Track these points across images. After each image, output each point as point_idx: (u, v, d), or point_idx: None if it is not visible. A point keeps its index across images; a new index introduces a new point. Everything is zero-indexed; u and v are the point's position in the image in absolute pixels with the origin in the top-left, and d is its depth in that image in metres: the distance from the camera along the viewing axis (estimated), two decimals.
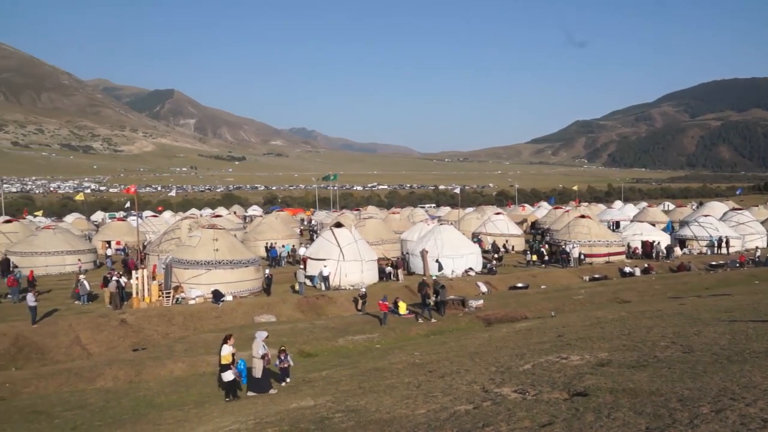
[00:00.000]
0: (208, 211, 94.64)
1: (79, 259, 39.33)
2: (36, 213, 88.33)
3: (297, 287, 32.07)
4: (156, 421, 12.93)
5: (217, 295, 28.86)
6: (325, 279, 32.63)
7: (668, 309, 19.59)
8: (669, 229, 59.32)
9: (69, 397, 16.58)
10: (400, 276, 35.94)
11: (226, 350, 14.78)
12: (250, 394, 15.03)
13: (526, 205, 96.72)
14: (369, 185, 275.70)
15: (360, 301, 29.60)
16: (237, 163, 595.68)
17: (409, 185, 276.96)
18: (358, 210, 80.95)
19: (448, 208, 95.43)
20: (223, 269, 30.35)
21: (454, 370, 13.17)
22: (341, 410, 10.42)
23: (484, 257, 42.00)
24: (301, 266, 34.39)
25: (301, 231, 66.89)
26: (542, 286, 34.92)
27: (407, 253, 41.15)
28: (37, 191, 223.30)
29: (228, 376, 14.66)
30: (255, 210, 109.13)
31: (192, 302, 28.87)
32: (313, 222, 79.58)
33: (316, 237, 48.95)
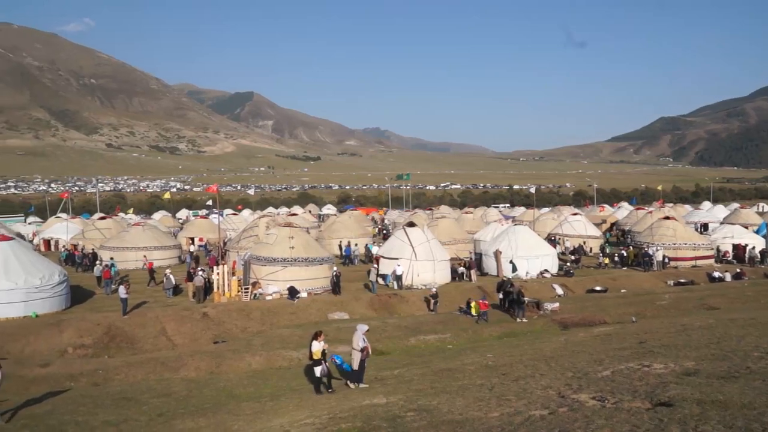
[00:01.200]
0: (284, 209, 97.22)
1: (144, 256, 40.33)
2: (128, 211, 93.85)
3: (370, 285, 32.41)
4: (235, 411, 13.43)
5: (293, 292, 29.61)
6: (398, 278, 32.76)
7: (763, 317, 18.31)
8: (763, 231, 55.41)
9: (155, 384, 17.52)
10: (473, 276, 35.55)
11: (317, 346, 14.86)
12: (351, 385, 15.11)
13: (605, 205, 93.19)
14: (442, 185, 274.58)
15: (432, 301, 29.53)
16: (312, 162, 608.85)
17: (482, 185, 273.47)
18: (430, 209, 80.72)
19: (522, 208, 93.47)
20: (298, 266, 31.09)
21: (528, 373, 12.89)
22: (413, 409, 10.42)
23: (560, 259, 40.84)
24: (374, 265, 34.69)
25: (379, 231, 67.58)
26: (622, 290, 33.52)
27: (480, 254, 40.66)
28: (128, 190, 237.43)
29: (318, 371, 14.76)
30: (329, 209, 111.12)
31: (269, 298, 29.76)
32: (385, 221, 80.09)
33: (389, 236, 49.28)
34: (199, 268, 33.19)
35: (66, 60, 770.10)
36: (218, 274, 30.52)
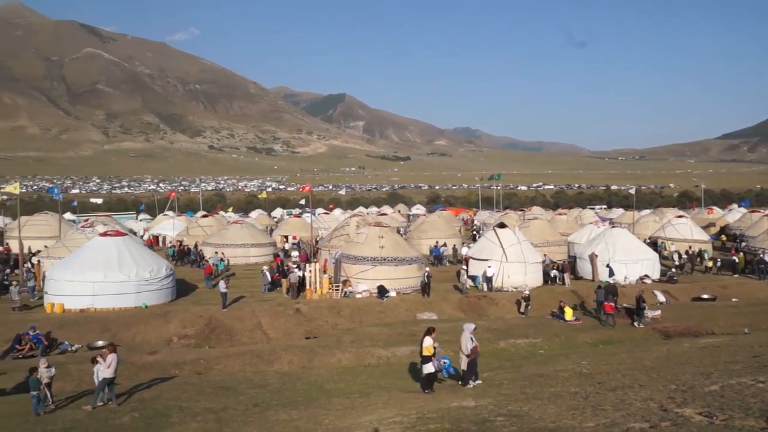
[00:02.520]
0: (374, 209, 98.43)
1: (223, 253, 41.05)
2: (227, 209, 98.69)
3: (460, 286, 32.14)
4: (326, 406, 13.75)
5: (382, 291, 29.92)
6: (489, 279, 32.25)
7: None
8: None
9: (251, 376, 18.29)
10: (567, 280, 34.33)
11: (428, 342, 14.78)
12: (459, 384, 15.08)
13: (714, 207, 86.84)
14: (534, 185, 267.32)
15: (523, 304, 28.81)
16: (402, 162, 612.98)
17: (577, 185, 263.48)
18: (522, 210, 78.80)
19: (621, 210, 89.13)
20: (387, 266, 31.37)
21: (626, 383, 12.26)
22: (503, 414, 10.21)
23: (662, 264, 38.54)
24: (464, 266, 34.36)
25: (474, 230, 66.95)
26: (733, 299, 31.11)
27: (574, 256, 39.20)
28: (228, 189, 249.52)
29: (429, 368, 14.67)
30: (419, 209, 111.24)
31: (359, 296, 30.25)
32: (475, 222, 79.14)
33: (479, 237, 48.58)
34: (293, 265, 34.29)
35: (174, 67, 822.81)
36: (310, 271, 31.39)
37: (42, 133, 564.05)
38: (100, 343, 22.25)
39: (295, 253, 42.16)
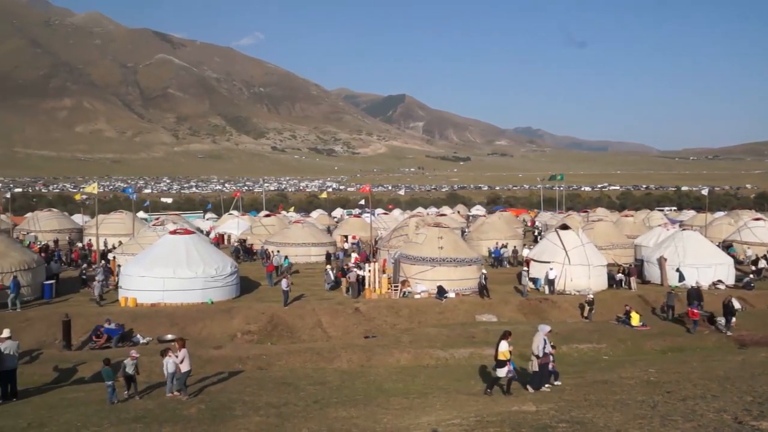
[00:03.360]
0: (433, 209, 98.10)
1: (278, 251, 41.45)
2: (289, 209, 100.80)
3: (521, 289, 31.61)
4: (384, 405, 13.83)
5: (441, 291, 29.79)
6: (551, 282, 31.55)
7: None
8: None
9: (312, 373, 18.63)
10: (633, 284, 33.12)
11: (504, 346, 14.54)
12: (529, 389, 14.84)
13: None
14: (599, 185, 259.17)
15: (587, 308, 28.01)
16: (462, 163, 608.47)
17: (645, 186, 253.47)
18: (586, 212, 76.48)
19: (692, 212, 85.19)
20: (446, 266, 31.19)
21: (698, 393, 11.73)
22: (565, 420, 9.98)
23: (738, 269, 36.55)
24: (525, 268, 33.76)
25: (535, 232, 65.83)
26: None
27: (642, 260, 37.78)
28: (290, 189, 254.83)
29: (502, 372, 14.48)
30: (478, 209, 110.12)
31: (417, 296, 30.24)
32: (537, 223, 77.61)
33: (540, 238, 47.61)
34: (352, 264, 34.62)
35: (239, 71, 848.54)
36: (370, 271, 31.63)
37: (118, 136, 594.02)
38: (169, 336, 23.21)
39: (354, 254, 42.60)
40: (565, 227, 35.81)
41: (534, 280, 32.62)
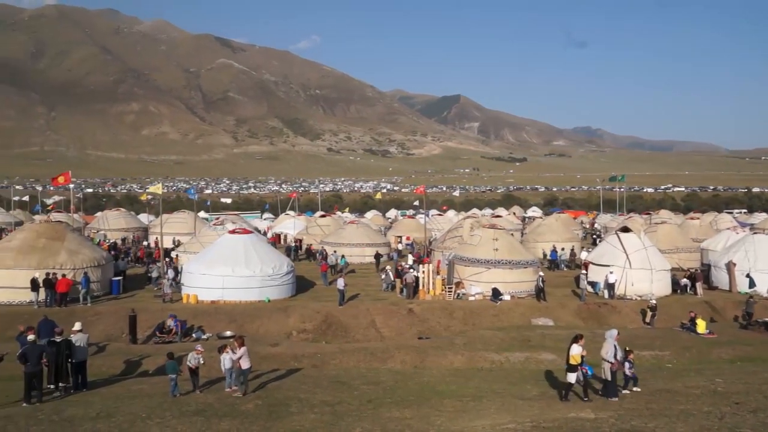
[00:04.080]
0: (488, 211, 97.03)
1: (335, 251, 41.87)
2: (344, 209, 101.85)
3: (579, 292, 30.84)
4: (438, 407, 13.78)
5: (496, 294, 29.43)
6: (610, 286, 30.63)
7: None
8: None
9: (365, 372, 18.75)
10: (699, 290, 31.74)
11: (576, 350, 14.10)
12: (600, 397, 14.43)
13: None
14: (662, 187, 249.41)
15: (649, 314, 27.05)
16: (518, 164, 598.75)
17: (712, 187, 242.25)
18: (648, 214, 73.86)
19: (763, 215, 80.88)
20: (501, 268, 30.80)
21: None
22: (625, 429, 9.68)
23: None
24: (584, 271, 32.90)
25: (594, 234, 64.23)
26: None
27: (708, 265, 36.16)
28: (345, 190, 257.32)
29: (573, 377, 14.07)
30: (534, 211, 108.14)
31: (472, 298, 29.98)
32: (596, 225, 75.52)
33: (599, 241, 46.31)
34: (407, 265, 34.66)
35: (296, 74, 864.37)
36: (424, 272, 31.58)
37: (181, 138, 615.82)
38: (228, 333, 23.89)
39: (411, 255, 42.64)
40: (626, 230, 34.70)
41: (593, 284, 31.76)
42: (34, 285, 26.28)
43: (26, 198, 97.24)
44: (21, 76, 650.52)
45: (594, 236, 63.02)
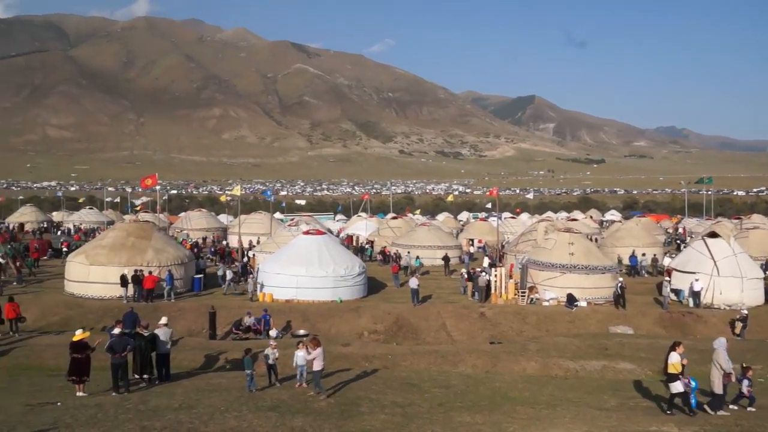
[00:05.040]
0: (563, 214, 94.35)
1: (408, 251, 42.20)
2: (415, 211, 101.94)
3: (661, 300, 29.41)
4: (510, 413, 13.53)
5: (571, 300, 28.56)
6: (696, 294, 29.01)
7: None
8: None
9: (436, 375, 18.67)
10: None
11: (675, 358, 13.47)
12: (709, 410, 13.59)
13: None
14: (754, 190, 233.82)
15: (739, 325, 25.40)
16: (595, 165, 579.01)
17: None
18: (738, 218, 69.44)
19: None
20: (577, 274, 29.87)
21: None
22: None
23: None
24: (666, 278, 31.35)
25: (678, 239, 61.27)
26: None
27: None
28: (416, 192, 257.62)
29: (677, 387, 13.33)
30: (613, 215, 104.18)
31: (545, 304, 29.24)
32: (680, 230, 71.81)
33: (684, 247, 44.01)
34: (479, 269, 34.26)
35: (369, 78, 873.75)
36: (496, 276, 31.11)
37: (258, 142, 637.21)
38: (302, 331, 24.47)
39: (486, 259, 42.07)
40: (713, 235, 32.77)
41: (676, 292, 30.20)
42: (123, 281, 27.94)
43: (117, 199, 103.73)
44: (114, 84, 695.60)
45: (678, 241, 59.98)
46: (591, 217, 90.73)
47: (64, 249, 41.91)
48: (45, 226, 70.72)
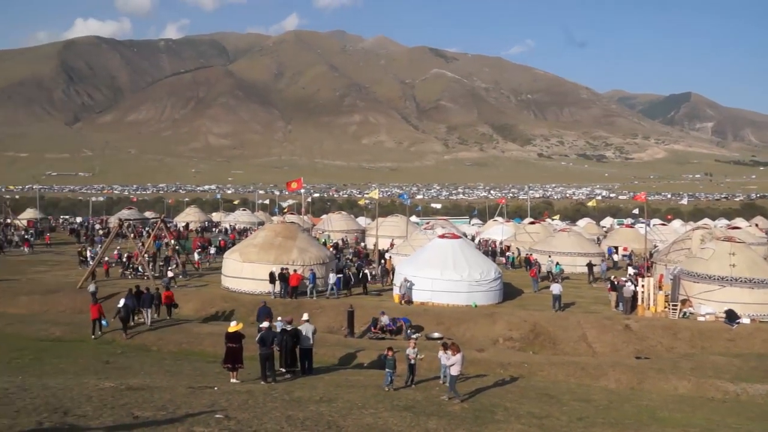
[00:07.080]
0: (723, 221, 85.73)
1: (549, 257, 41.19)
2: (554, 216, 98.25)
3: None
4: None
5: (732, 316, 25.87)
6: None
7: None
8: None
9: (575, 388, 17.87)
10: None
11: None
12: None
13: None
14: None
15: None
16: (762, 168, 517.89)
17: None
18: None
19: None
20: (739, 287, 26.99)
21: None
22: None
23: None
24: None
25: None
26: None
27: None
28: (556, 197, 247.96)
29: None
30: None
31: (701, 319, 26.78)
32: None
33: None
34: (623, 278, 32.28)
35: (508, 80, 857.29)
36: (643, 286, 29.09)
37: (396, 146, 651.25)
38: (436, 334, 24.62)
39: (630, 269, 39.56)
40: None
41: None
42: (272, 278, 30.02)
43: (267, 201, 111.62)
44: (266, 95, 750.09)
45: None
46: (757, 225, 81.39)
47: (221, 247, 46.07)
48: (206, 225, 78.08)
